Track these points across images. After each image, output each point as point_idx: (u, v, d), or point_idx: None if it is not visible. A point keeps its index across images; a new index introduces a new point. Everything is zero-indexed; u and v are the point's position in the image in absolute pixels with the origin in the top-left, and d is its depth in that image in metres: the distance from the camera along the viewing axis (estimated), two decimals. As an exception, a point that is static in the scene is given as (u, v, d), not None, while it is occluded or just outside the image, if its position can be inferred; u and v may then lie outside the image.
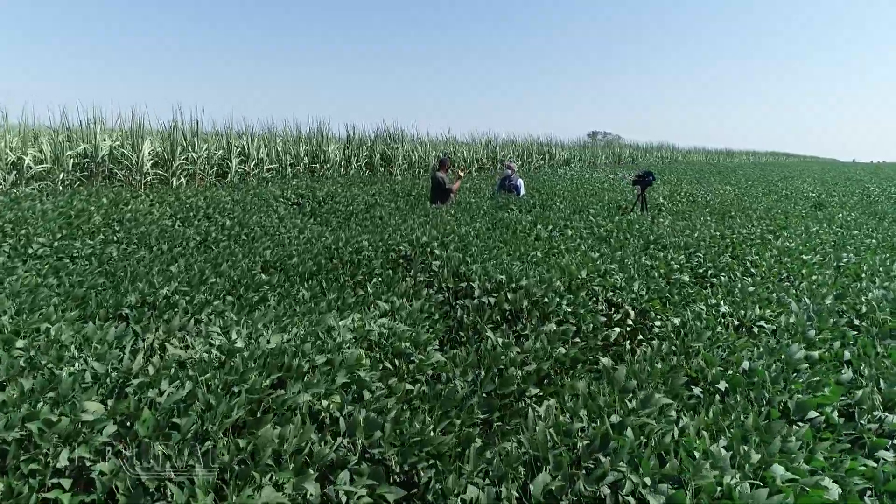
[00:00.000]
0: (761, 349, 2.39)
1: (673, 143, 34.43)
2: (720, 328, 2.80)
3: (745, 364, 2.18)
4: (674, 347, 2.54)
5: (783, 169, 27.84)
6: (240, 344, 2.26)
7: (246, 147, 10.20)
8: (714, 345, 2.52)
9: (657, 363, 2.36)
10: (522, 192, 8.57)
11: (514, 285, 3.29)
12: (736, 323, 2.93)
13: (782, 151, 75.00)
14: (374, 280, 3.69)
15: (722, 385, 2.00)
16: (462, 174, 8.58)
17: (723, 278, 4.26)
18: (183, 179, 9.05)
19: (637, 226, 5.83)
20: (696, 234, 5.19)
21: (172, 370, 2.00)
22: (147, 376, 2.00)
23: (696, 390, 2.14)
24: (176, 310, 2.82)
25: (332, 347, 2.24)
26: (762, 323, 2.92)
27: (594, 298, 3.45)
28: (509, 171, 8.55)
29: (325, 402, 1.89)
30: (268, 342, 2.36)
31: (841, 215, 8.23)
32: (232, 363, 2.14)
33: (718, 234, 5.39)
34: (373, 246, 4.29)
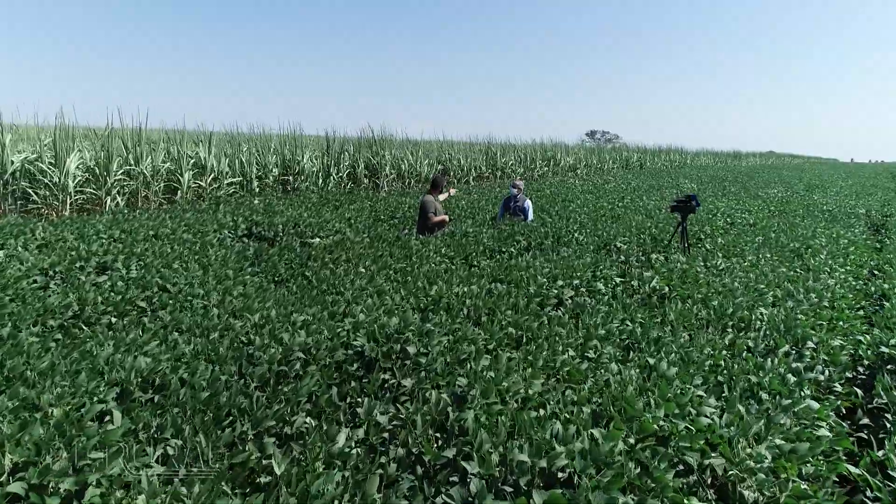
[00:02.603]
0: None
1: (681, 145, 32.97)
2: None
3: None
4: None
5: (798, 173, 26.39)
6: None
7: (202, 157, 8.62)
8: None
9: None
10: (531, 216, 7.06)
11: (544, 464, 1.76)
12: None
13: (786, 153, 73.90)
14: (299, 421, 2.17)
15: None
16: (452, 191, 7.11)
17: (858, 391, 2.76)
18: (120, 199, 7.48)
19: (693, 278, 4.32)
20: (788, 302, 3.66)
21: None
22: None
23: None
24: None
25: None
26: None
27: (679, 463, 1.94)
28: (515, 191, 7.03)
29: None
30: None
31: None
32: None
33: (814, 294, 3.88)
34: (314, 337, 2.75)
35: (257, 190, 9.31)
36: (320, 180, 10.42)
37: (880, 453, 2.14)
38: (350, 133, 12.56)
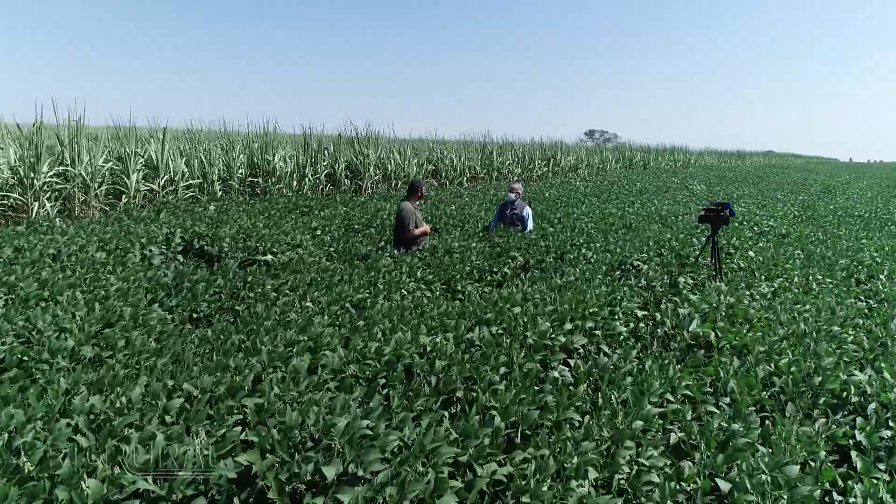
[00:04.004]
0: None
1: (684, 144, 31.96)
2: None
3: None
4: None
5: (806, 173, 25.41)
6: None
7: (154, 156, 7.56)
8: None
9: None
10: (530, 225, 6.02)
11: None
12: None
13: (786, 152, 73.18)
14: None
15: None
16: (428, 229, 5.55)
17: None
18: (50, 206, 6.42)
19: (742, 316, 3.29)
20: None
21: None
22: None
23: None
24: None
25: None
26: None
27: None
28: (513, 196, 5.99)
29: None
30: None
31: None
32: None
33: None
34: (175, 447, 1.71)
35: (220, 194, 8.24)
36: (294, 182, 9.36)
37: None
38: (332, 130, 11.50)
